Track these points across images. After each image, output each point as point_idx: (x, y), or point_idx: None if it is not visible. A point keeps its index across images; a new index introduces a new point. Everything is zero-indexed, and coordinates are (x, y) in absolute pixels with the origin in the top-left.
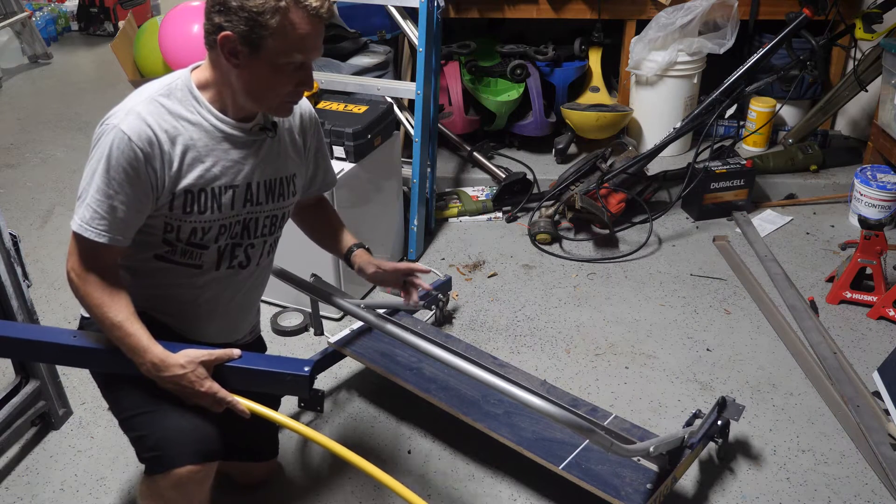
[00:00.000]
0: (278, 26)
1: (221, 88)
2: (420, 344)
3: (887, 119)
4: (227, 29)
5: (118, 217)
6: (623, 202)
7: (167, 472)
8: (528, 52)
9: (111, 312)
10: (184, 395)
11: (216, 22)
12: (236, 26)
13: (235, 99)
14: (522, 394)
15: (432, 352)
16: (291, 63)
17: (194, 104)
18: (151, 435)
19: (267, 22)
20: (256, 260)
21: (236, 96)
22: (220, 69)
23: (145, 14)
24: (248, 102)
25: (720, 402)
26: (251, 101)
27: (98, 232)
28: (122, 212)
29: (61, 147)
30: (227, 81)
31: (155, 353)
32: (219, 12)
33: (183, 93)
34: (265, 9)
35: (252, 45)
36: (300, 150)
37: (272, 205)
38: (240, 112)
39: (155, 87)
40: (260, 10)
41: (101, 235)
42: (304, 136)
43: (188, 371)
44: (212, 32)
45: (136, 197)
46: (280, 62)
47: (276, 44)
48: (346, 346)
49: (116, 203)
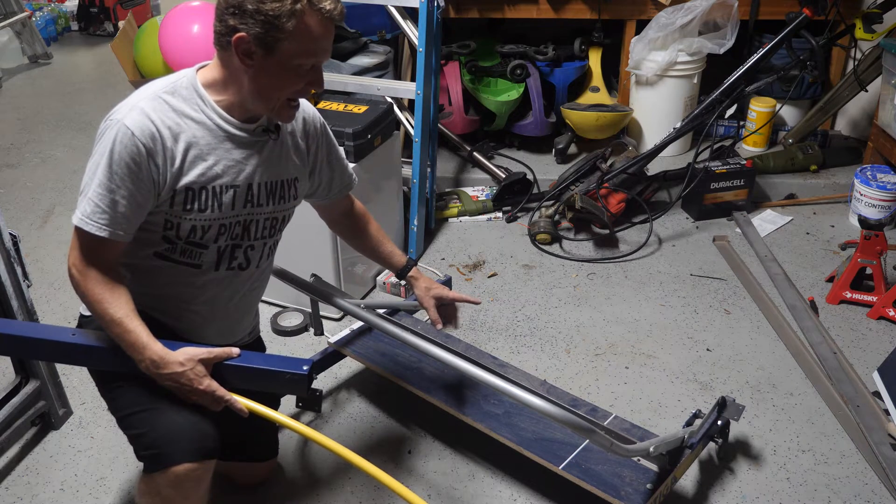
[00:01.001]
0: (294, 29)
1: (229, 88)
2: (420, 344)
3: (887, 119)
4: (242, 31)
5: (119, 211)
6: (623, 202)
7: (165, 470)
8: (528, 52)
9: (111, 308)
10: (182, 394)
11: (230, 24)
12: (252, 28)
13: (243, 99)
14: (522, 394)
15: (432, 352)
16: (304, 65)
17: (199, 102)
18: (149, 433)
19: (283, 25)
20: (256, 262)
21: (244, 97)
22: (230, 69)
23: (145, 14)
24: (257, 103)
25: (720, 402)
26: (260, 101)
27: (99, 226)
28: (124, 206)
29: (61, 147)
30: (237, 82)
31: (154, 350)
32: (233, 14)
33: (188, 91)
34: (281, 12)
35: (267, 47)
36: (303, 155)
37: (272, 207)
38: (245, 113)
39: (160, 85)
40: (276, 13)
41: (101, 229)
42: (307, 140)
43: (187, 369)
44: (225, 34)
45: (138, 192)
46: (294, 64)
47: (291, 46)
48: (346, 346)
49: (118, 197)
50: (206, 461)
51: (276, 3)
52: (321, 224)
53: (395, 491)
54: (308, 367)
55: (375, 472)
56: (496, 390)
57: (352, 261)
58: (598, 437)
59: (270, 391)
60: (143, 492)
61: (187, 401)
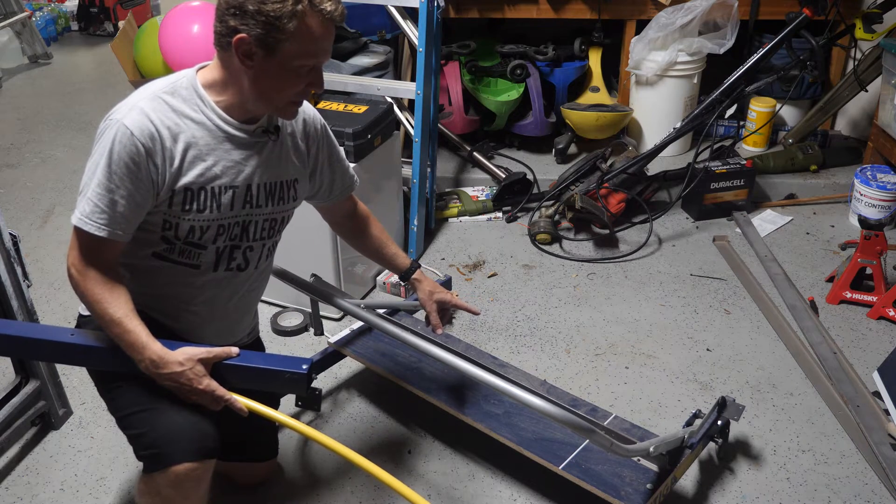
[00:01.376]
0: (295, 31)
1: (229, 89)
2: (420, 344)
3: (887, 119)
4: (242, 31)
5: (118, 211)
6: (623, 202)
7: (165, 470)
8: (528, 52)
9: (111, 308)
10: (182, 393)
11: (231, 25)
12: (253, 29)
13: (243, 100)
14: (522, 393)
15: (432, 352)
16: (305, 66)
17: (199, 103)
18: (149, 433)
19: (284, 26)
20: (255, 263)
21: (245, 97)
22: (230, 70)
23: (145, 14)
24: (257, 104)
25: (720, 402)
26: (261, 101)
27: (98, 225)
28: (123, 206)
29: (61, 147)
30: (238, 82)
31: (153, 349)
32: (234, 15)
33: (188, 91)
34: (283, 13)
35: (268, 48)
36: (303, 156)
37: (272, 208)
38: (245, 114)
39: (160, 85)
40: (278, 14)
41: (100, 229)
42: (307, 141)
43: (186, 368)
44: (225, 35)
45: (137, 192)
46: (294, 65)
47: (291, 47)
48: (345, 346)
49: (117, 197)
50: (206, 461)
51: (278, 4)
52: (321, 224)
53: (395, 489)
54: (307, 367)
55: (376, 470)
56: (496, 390)
57: (352, 261)
58: (598, 438)
59: (270, 391)
60: (143, 492)
61: (187, 401)
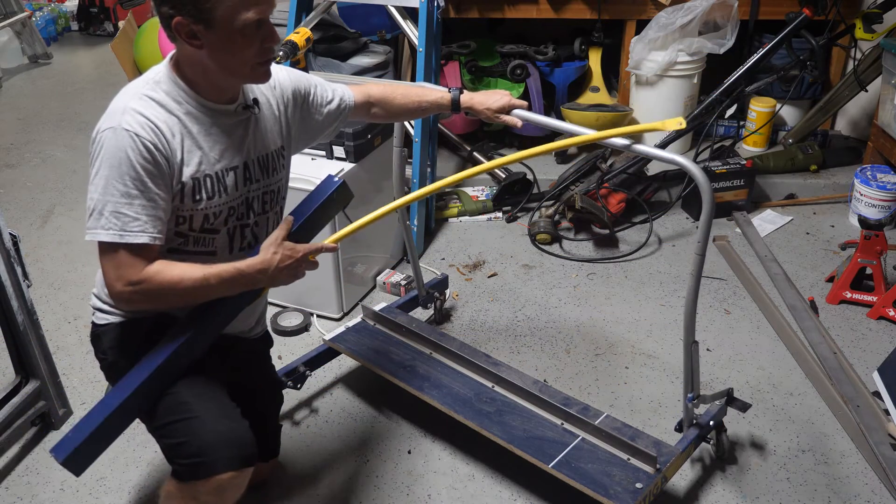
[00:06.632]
0: None
1: (198, 74)
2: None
3: (887, 119)
4: (176, 15)
5: (149, 214)
6: (623, 202)
7: (207, 479)
8: (528, 52)
9: (191, 275)
10: (293, 274)
11: (165, 11)
12: (183, 8)
13: (214, 80)
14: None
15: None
16: (248, 23)
17: (181, 93)
18: (192, 441)
19: None
20: (263, 236)
21: (212, 77)
22: (188, 56)
23: (145, 14)
24: (225, 79)
25: (728, 392)
26: (228, 76)
27: (135, 233)
28: (151, 208)
29: (61, 147)
30: (199, 65)
31: (252, 264)
32: (164, 2)
33: (168, 84)
34: None
35: (205, 20)
36: (279, 119)
37: (266, 180)
38: (222, 93)
39: (139, 85)
40: None
41: (139, 236)
42: (278, 101)
43: (281, 253)
44: (167, 24)
45: (157, 190)
46: (237, 26)
47: (224, 10)
48: (340, 343)
49: (143, 201)
50: (247, 469)
51: None
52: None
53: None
54: (337, 176)
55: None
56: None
57: (352, 261)
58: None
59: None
60: (175, 496)
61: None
